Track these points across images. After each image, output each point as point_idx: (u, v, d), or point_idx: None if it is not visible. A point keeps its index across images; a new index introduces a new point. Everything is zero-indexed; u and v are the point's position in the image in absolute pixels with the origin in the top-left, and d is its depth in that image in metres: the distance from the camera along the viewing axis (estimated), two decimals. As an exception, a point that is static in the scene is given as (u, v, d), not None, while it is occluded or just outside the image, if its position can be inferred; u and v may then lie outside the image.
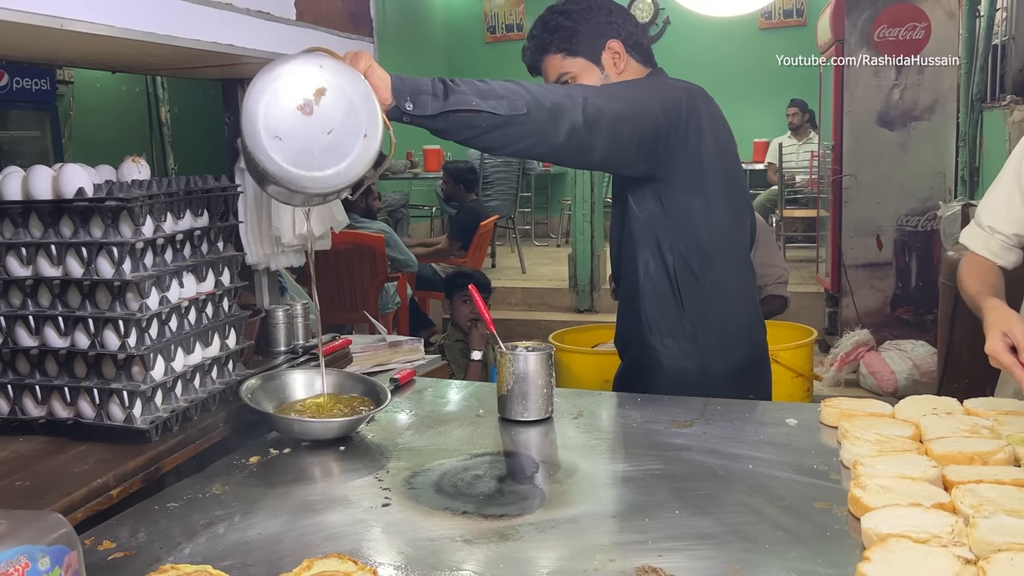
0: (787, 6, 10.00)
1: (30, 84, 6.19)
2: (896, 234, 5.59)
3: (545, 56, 1.95)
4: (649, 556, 1.19)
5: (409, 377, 2.08)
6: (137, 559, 1.22)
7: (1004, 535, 1.12)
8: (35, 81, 6.19)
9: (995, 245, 1.87)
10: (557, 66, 1.94)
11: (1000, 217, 1.86)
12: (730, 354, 1.98)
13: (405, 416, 1.86)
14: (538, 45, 1.95)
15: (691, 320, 1.96)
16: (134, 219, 1.47)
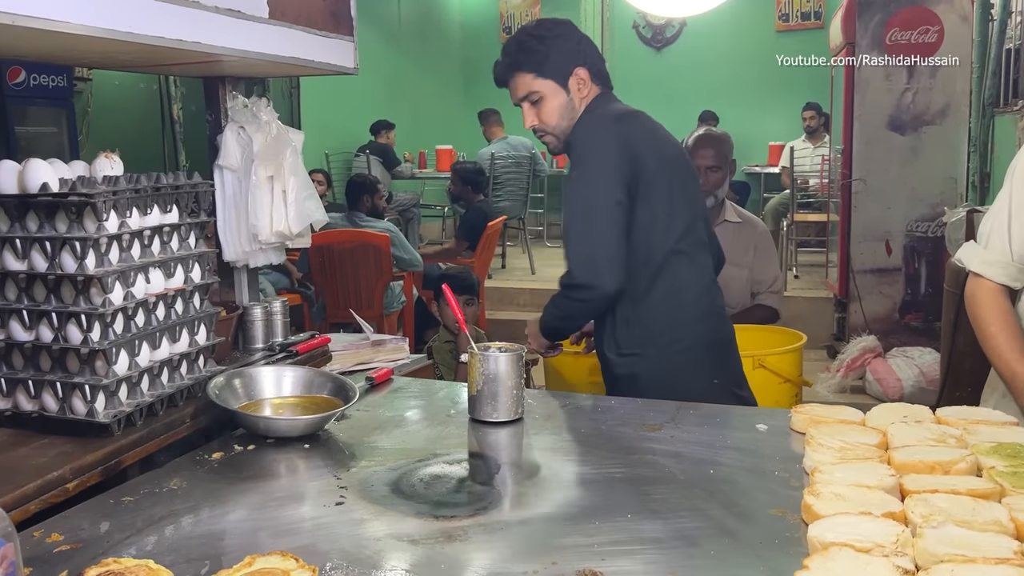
0: (804, 8, 9.92)
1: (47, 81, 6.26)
2: (906, 239, 5.52)
3: (516, 74, 2.09)
4: (592, 560, 1.18)
5: (385, 376, 2.08)
6: (82, 552, 1.22)
7: (949, 546, 1.10)
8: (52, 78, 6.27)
9: (1014, 270, 1.79)
10: (527, 84, 2.08)
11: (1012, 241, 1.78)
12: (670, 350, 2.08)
13: (375, 415, 1.85)
14: (511, 63, 2.09)
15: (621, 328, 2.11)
16: (97, 214, 1.47)
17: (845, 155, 5.67)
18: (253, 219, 1.98)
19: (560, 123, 2.10)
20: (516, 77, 2.10)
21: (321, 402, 1.78)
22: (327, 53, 1.96)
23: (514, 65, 2.09)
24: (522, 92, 2.10)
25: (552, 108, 2.09)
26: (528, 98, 2.09)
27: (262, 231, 1.99)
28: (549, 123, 2.10)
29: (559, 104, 2.09)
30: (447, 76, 11.00)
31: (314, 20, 1.95)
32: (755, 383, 2.69)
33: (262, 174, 1.98)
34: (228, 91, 2.05)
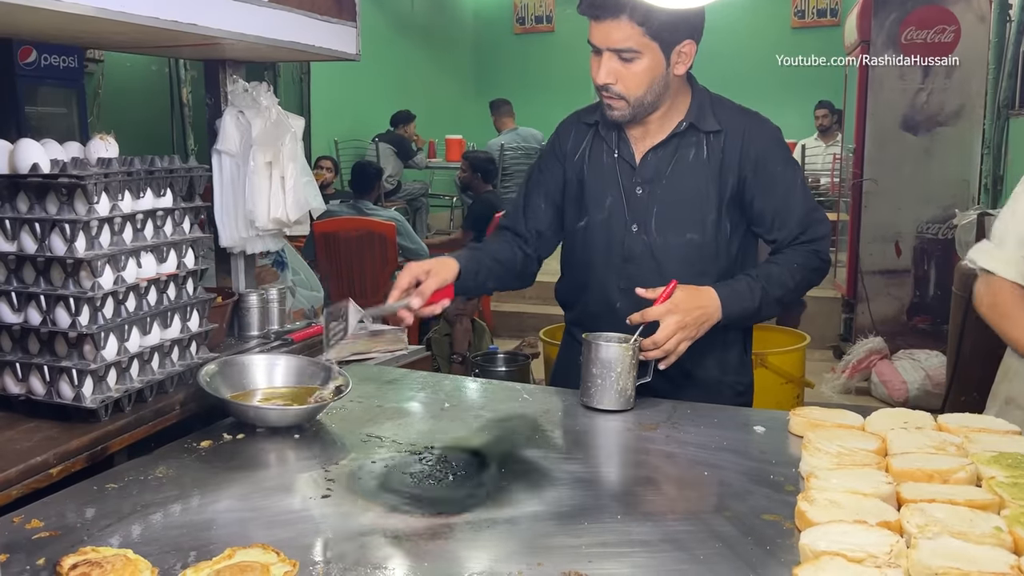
0: (821, 5, 9.83)
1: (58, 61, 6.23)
2: (916, 241, 5.47)
3: (620, 16, 1.71)
4: (579, 562, 1.16)
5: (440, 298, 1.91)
6: (61, 540, 1.20)
7: (944, 559, 1.07)
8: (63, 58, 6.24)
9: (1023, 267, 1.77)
10: (629, 36, 1.72)
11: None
12: None
13: (368, 406, 1.83)
14: (621, 3, 1.70)
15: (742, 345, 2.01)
16: (88, 197, 1.45)
17: (857, 154, 5.63)
18: (250, 205, 1.96)
19: (643, 93, 1.77)
20: (619, 20, 1.71)
21: (313, 392, 1.76)
22: (329, 38, 1.94)
23: (626, 7, 1.70)
24: (620, 42, 1.72)
25: (642, 73, 1.75)
26: (621, 52, 1.73)
27: (259, 217, 1.97)
28: (631, 88, 1.76)
29: (653, 72, 1.75)
30: (459, 65, 10.96)
31: (316, 4, 1.92)
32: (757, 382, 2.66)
33: (260, 160, 1.96)
34: (228, 75, 2.03)
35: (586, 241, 1.92)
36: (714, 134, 1.84)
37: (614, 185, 1.88)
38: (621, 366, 1.73)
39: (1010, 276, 1.77)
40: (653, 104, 1.80)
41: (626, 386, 1.74)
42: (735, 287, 1.80)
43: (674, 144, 1.85)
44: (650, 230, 1.85)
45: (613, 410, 1.74)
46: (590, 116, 1.93)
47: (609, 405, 1.74)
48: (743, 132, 1.84)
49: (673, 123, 1.84)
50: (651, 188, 1.85)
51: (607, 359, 1.73)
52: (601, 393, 1.74)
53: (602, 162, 1.90)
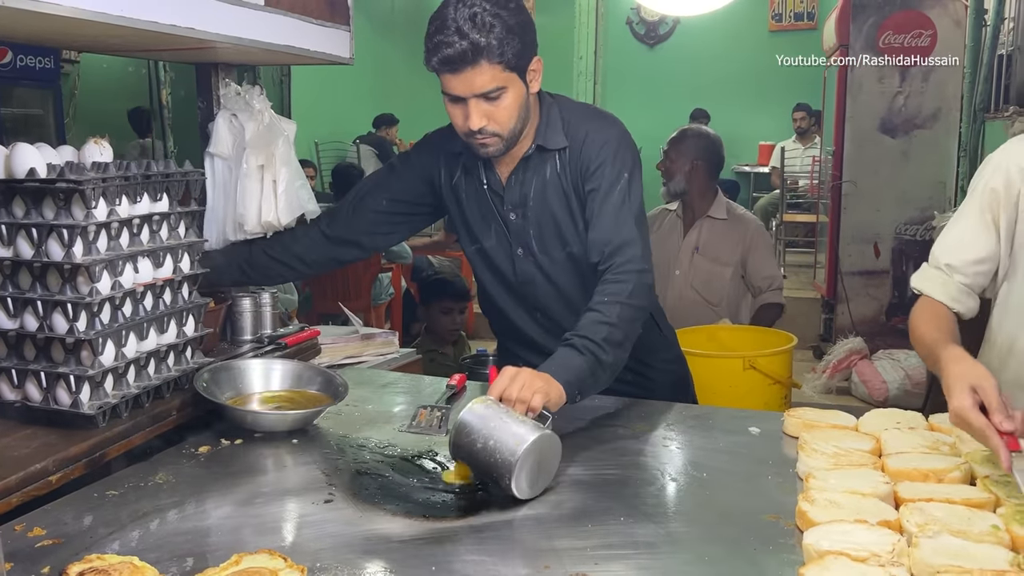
0: (798, 9, 9.92)
1: (34, 62, 6.17)
2: (894, 242, 5.53)
3: (479, 62, 1.64)
4: (585, 564, 1.17)
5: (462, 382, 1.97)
6: (65, 547, 1.20)
7: (946, 557, 1.09)
8: (39, 59, 6.18)
9: (954, 288, 1.65)
10: (490, 78, 1.65)
11: (962, 254, 1.65)
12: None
13: (364, 411, 1.83)
14: (476, 48, 1.62)
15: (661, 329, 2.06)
16: (85, 202, 1.44)
17: (836, 156, 5.69)
18: (240, 208, 1.95)
19: (514, 123, 1.72)
20: (480, 65, 1.64)
21: (310, 397, 1.76)
22: (322, 42, 1.94)
23: (481, 50, 1.63)
24: (485, 86, 1.66)
25: (511, 105, 1.70)
26: (488, 94, 1.67)
27: (249, 221, 1.96)
28: (504, 123, 1.70)
29: (518, 101, 1.71)
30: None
31: (310, 8, 1.92)
32: (745, 384, 2.70)
33: (253, 163, 1.95)
34: (221, 78, 2.02)
35: (484, 264, 1.93)
36: (562, 150, 1.81)
37: (491, 213, 1.86)
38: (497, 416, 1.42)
39: (937, 295, 1.67)
40: (521, 130, 1.76)
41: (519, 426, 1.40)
42: (568, 367, 1.58)
43: (527, 166, 1.82)
44: (534, 252, 1.85)
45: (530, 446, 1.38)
46: (452, 145, 1.87)
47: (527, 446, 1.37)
48: (583, 141, 1.80)
49: (527, 144, 1.81)
50: (523, 212, 1.83)
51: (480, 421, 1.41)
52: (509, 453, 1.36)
53: (475, 192, 1.87)
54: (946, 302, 1.65)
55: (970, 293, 1.66)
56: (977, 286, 1.66)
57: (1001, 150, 1.68)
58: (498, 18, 1.64)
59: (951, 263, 1.66)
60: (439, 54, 1.65)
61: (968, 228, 1.67)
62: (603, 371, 1.61)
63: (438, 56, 1.65)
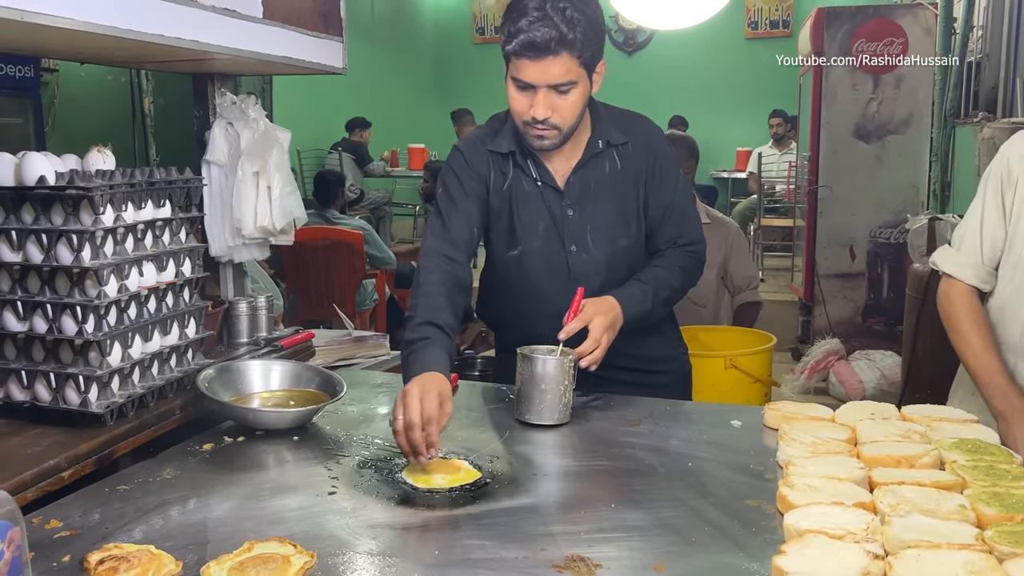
0: (773, 17, 10.09)
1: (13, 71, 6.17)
2: (869, 245, 5.67)
3: (560, 53, 1.69)
4: (579, 546, 1.24)
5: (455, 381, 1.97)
6: (82, 538, 1.25)
7: (915, 533, 1.17)
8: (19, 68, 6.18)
9: (983, 272, 1.85)
10: (567, 70, 1.72)
11: (985, 237, 1.84)
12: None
13: (362, 410, 1.89)
14: (562, 39, 1.68)
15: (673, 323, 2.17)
16: (94, 208, 1.50)
17: (812, 162, 5.81)
18: (237, 213, 2.01)
19: (575, 120, 1.79)
20: (560, 57, 1.70)
21: (309, 396, 1.82)
22: (317, 53, 2.00)
23: (566, 43, 1.69)
24: (559, 77, 1.72)
25: (577, 101, 1.77)
26: (560, 86, 1.73)
27: (246, 226, 2.02)
28: (567, 117, 1.77)
29: (583, 98, 1.78)
30: (420, 75, 11.03)
31: (304, 20, 1.98)
32: (727, 382, 2.79)
33: (248, 170, 2.01)
34: (216, 88, 2.08)
35: (524, 269, 1.94)
36: (622, 145, 1.91)
37: (543, 211, 1.90)
38: (566, 379, 1.74)
39: (966, 279, 1.86)
40: (576, 127, 1.83)
41: (569, 399, 1.76)
42: (630, 292, 1.87)
43: (592, 163, 1.90)
44: (588, 248, 1.91)
45: (555, 424, 1.74)
46: (499, 145, 1.91)
47: (551, 420, 1.74)
48: (644, 138, 1.94)
49: (582, 141, 1.89)
50: (581, 208, 1.90)
51: (552, 374, 1.72)
52: (544, 408, 1.73)
53: (526, 191, 1.90)
54: (978, 285, 1.85)
55: (993, 273, 1.86)
56: (997, 264, 1.85)
57: (1009, 141, 1.84)
58: (583, 15, 1.71)
59: (976, 248, 1.85)
60: (523, 38, 1.69)
61: (986, 213, 1.84)
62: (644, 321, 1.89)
63: (521, 40, 1.70)
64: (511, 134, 1.89)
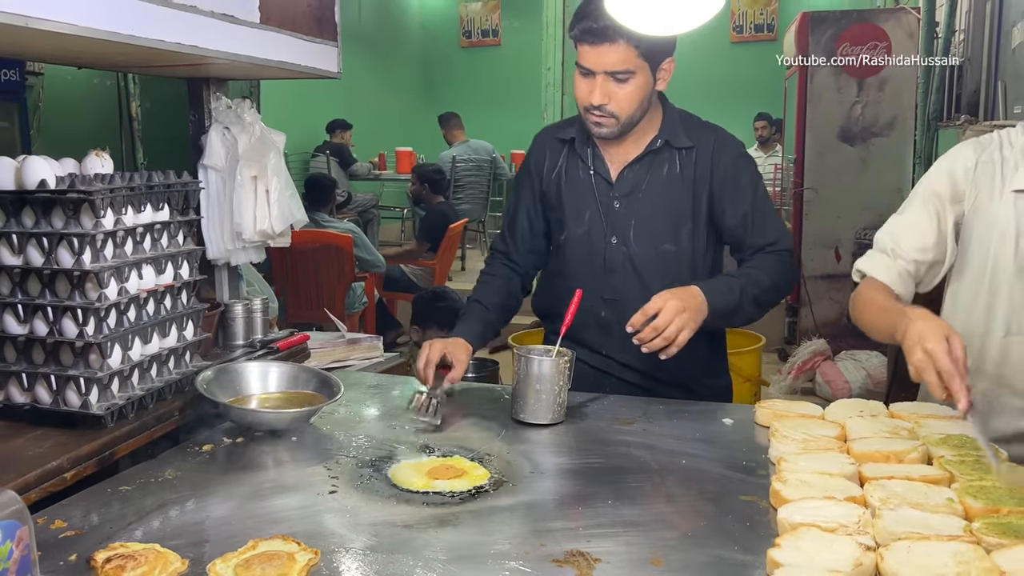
0: (758, 20, 10.18)
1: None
2: (854, 247, 5.71)
3: (618, 41, 1.78)
4: (578, 542, 1.26)
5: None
6: (87, 538, 1.27)
7: (905, 525, 1.20)
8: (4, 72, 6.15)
9: (896, 272, 1.75)
10: (625, 58, 1.80)
11: (905, 241, 1.75)
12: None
13: (358, 411, 1.91)
14: (618, 27, 1.75)
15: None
16: (95, 211, 1.51)
17: (797, 164, 5.86)
18: (237, 217, 2.02)
19: (632, 111, 1.86)
20: (618, 44, 1.78)
21: (306, 397, 1.84)
22: (312, 57, 2.02)
23: (623, 31, 1.76)
24: (616, 65, 1.80)
25: (634, 92, 1.83)
26: (617, 74, 1.81)
27: (246, 230, 2.04)
28: (624, 107, 1.84)
29: (643, 91, 1.85)
30: (407, 78, 11.04)
31: (299, 25, 2.00)
32: (716, 382, 2.81)
33: (247, 174, 2.03)
34: (212, 92, 2.09)
35: (566, 254, 2.01)
36: (686, 150, 1.94)
37: (591, 200, 1.97)
38: (561, 380, 1.78)
39: (880, 276, 1.76)
40: (638, 120, 1.89)
41: (564, 399, 1.79)
42: (716, 284, 1.88)
43: (649, 160, 1.94)
44: (629, 242, 1.95)
45: (550, 423, 1.77)
46: (564, 132, 2.02)
47: (545, 419, 1.77)
48: (713, 147, 1.95)
49: (646, 139, 1.94)
50: (628, 202, 1.95)
51: (547, 374, 1.76)
52: (539, 407, 1.77)
53: (578, 178, 1.98)
54: (888, 283, 1.74)
55: (910, 278, 1.75)
56: (916, 273, 1.76)
57: (949, 153, 1.79)
58: None
59: (895, 248, 1.76)
60: (583, 24, 1.80)
61: (912, 218, 1.76)
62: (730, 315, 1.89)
63: (582, 26, 1.81)
64: (580, 124, 1.97)
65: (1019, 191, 1.67)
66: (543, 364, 1.77)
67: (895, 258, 1.76)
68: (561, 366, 1.77)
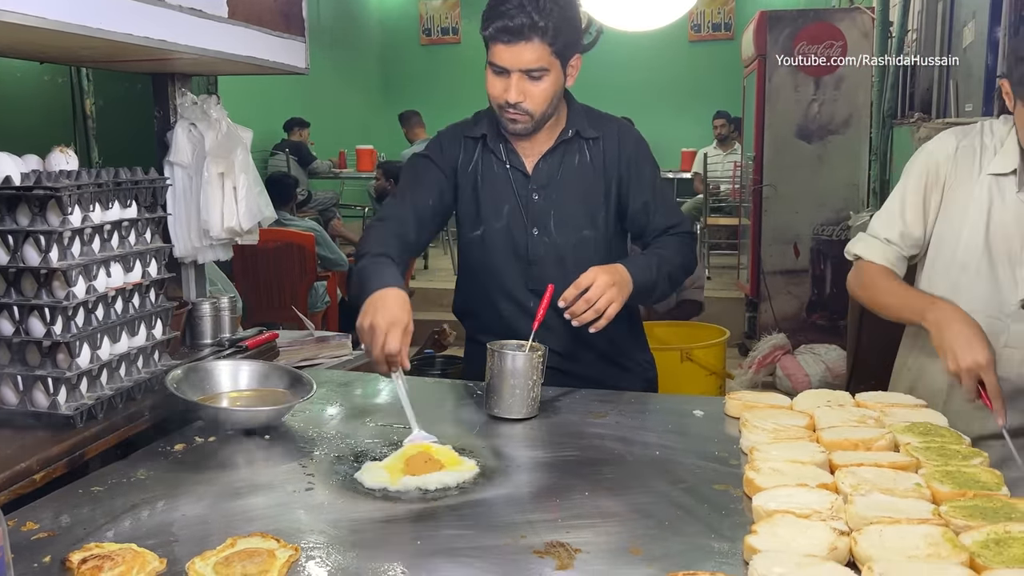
0: (716, 20, 10.29)
1: (-58, 71, 5.99)
2: (812, 243, 5.83)
3: (533, 39, 1.80)
4: (558, 532, 1.27)
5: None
6: (60, 539, 1.24)
7: (876, 510, 1.23)
8: (-51, 68, 6.00)
9: (892, 255, 1.90)
10: (539, 56, 1.82)
11: (897, 227, 1.89)
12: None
13: (332, 408, 1.90)
14: (534, 26, 1.79)
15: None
16: (62, 208, 1.49)
17: (756, 162, 5.95)
18: (205, 215, 2.00)
19: (546, 107, 1.89)
20: (533, 43, 1.80)
21: (278, 395, 1.82)
22: (280, 53, 2.01)
23: (537, 28, 1.79)
24: (531, 63, 1.82)
25: (548, 89, 1.86)
26: (532, 72, 1.83)
27: (213, 227, 2.02)
28: (539, 104, 1.87)
29: (556, 87, 1.88)
30: (367, 76, 10.97)
31: (266, 20, 1.99)
32: (683, 375, 2.86)
33: (214, 171, 2.01)
34: (177, 88, 2.07)
35: (486, 249, 2.01)
36: (594, 140, 1.99)
37: (509, 194, 1.98)
38: (535, 374, 1.78)
39: (875, 259, 1.91)
40: (550, 116, 1.93)
41: (537, 394, 1.80)
42: (637, 261, 1.92)
43: (562, 150, 1.98)
44: (550, 231, 1.98)
45: (524, 418, 1.78)
46: (473, 130, 2.02)
47: (520, 414, 1.78)
48: (617, 136, 2.01)
49: (556, 131, 1.98)
50: (546, 193, 1.98)
51: (521, 369, 1.76)
52: (513, 402, 1.77)
53: (494, 173, 1.99)
54: (887, 265, 1.89)
55: (903, 261, 1.91)
56: (909, 256, 1.91)
57: (933, 140, 1.91)
58: (557, 5, 1.82)
59: (889, 236, 1.90)
60: (498, 23, 1.81)
61: (903, 203, 1.89)
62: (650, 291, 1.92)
63: (497, 24, 1.81)
64: (488, 121, 1.99)
65: (994, 174, 1.78)
66: (517, 359, 1.77)
67: (888, 244, 1.89)
68: (535, 361, 1.78)
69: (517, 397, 1.78)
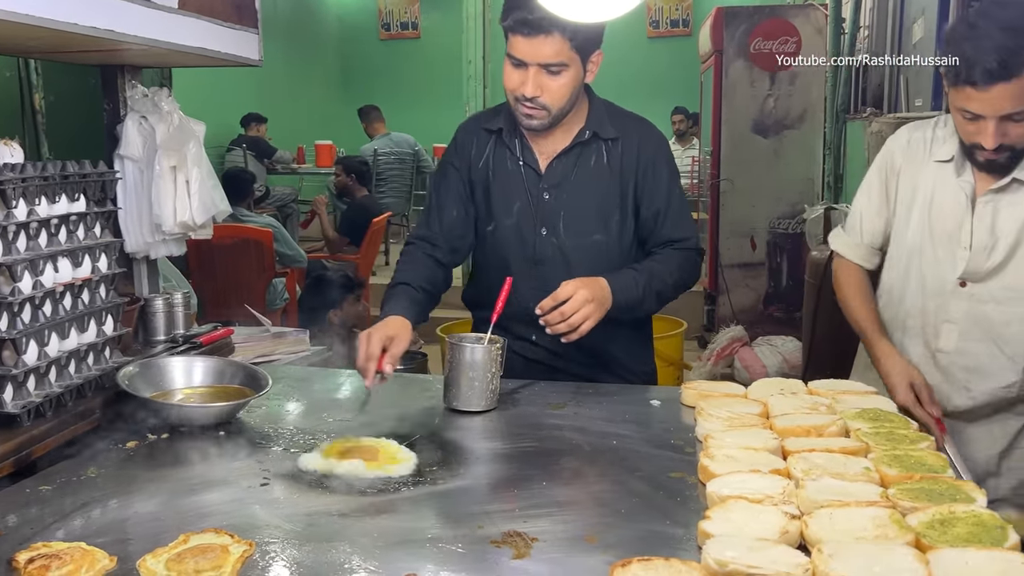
0: (673, 16, 10.37)
1: None
2: (768, 236, 5.90)
3: (552, 33, 1.77)
4: (515, 522, 1.28)
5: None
6: (7, 539, 1.22)
7: (827, 494, 1.26)
8: None
9: (864, 251, 2.05)
10: (558, 50, 1.79)
11: (867, 222, 2.03)
12: None
13: (290, 403, 1.89)
14: (554, 19, 1.73)
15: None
16: (6, 201, 1.45)
17: (714, 157, 6.01)
18: (157, 209, 1.97)
19: (564, 103, 1.85)
20: (552, 36, 1.77)
21: (232, 391, 1.80)
22: (232, 44, 1.98)
23: (556, 23, 1.75)
24: (550, 57, 1.78)
25: (567, 85, 1.83)
26: (550, 66, 1.80)
27: (166, 221, 1.99)
28: (556, 99, 1.83)
29: (575, 83, 1.84)
30: (325, 71, 10.87)
31: (217, 11, 1.96)
32: (641, 368, 2.87)
33: (165, 164, 1.98)
34: (127, 80, 2.03)
35: (496, 245, 2.00)
36: (612, 140, 1.95)
37: (521, 191, 1.96)
38: (493, 367, 1.78)
39: (851, 257, 2.06)
40: (568, 112, 1.89)
41: (496, 386, 1.80)
42: (623, 277, 1.89)
43: (577, 151, 1.95)
44: (559, 233, 1.95)
45: (483, 410, 1.78)
46: (491, 122, 2.00)
47: (479, 406, 1.78)
48: (637, 138, 1.97)
49: (574, 130, 1.94)
50: (557, 193, 1.94)
51: (480, 362, 1.77)
52: (472, 395, 1.77)
53: (507, 168, 1.97)
54: (859, 262, 2.04)
55: (875, 252, 2.05)
56: (880, 245, 2.04)
57: (893, 135, 2.01)
58: None
59: (861, 230, 2.04)
60: (518, 14, 1.77)
61: (870, 199, 2.02)
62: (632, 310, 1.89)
63: (516, 16, 1.78)
64: (507, 114, 1.95)
65: (939, 161, 1.89)
66: (475, 352, 1.77)
67: (861, 238, 2.05)
68: (493, 353, 1.78)
69: (476, 390, 1.78)
